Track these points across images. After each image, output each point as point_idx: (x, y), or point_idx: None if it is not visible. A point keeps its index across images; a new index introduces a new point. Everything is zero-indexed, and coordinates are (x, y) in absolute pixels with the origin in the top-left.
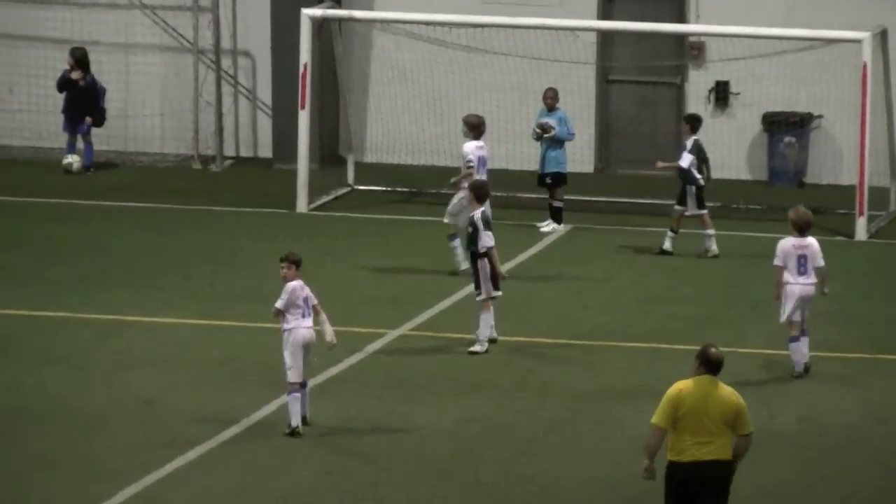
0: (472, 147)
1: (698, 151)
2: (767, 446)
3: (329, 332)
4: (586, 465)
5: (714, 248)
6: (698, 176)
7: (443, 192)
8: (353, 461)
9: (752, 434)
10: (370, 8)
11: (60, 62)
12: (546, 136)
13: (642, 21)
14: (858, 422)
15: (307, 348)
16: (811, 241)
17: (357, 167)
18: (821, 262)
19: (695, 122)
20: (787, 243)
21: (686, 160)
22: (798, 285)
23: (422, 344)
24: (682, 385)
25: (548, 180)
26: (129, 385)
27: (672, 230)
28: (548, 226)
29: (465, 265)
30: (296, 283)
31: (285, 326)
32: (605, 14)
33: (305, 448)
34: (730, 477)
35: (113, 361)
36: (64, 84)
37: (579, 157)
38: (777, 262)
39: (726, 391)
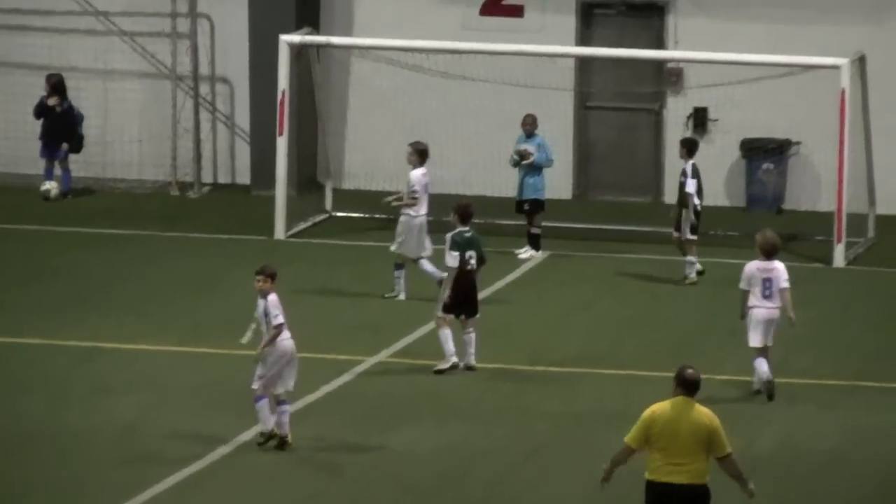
0: (418, 175)
1: (699, 175)
2: (746, 472)
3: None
4: (567, 490)
5: (693, 276)
6: (697, 202)
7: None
8: (333, 487)
9: (732, 455)
10: (348, 34)
11: (38, 88)
12: (524, 162)
13: (621, 47)
14: (837, 447)
15: (291, 358)
16: (777, 264)
17: (335, 194)
18: (785, 285)
19: (692, 146)
20: (753, 266)
21: (692, 186)
22: (763, 308)
23: (400, 370)
24: (657, 406)
25: (526, 207)
26: (108, 411)
27: (690, 257)
28: (526, 252)
29: (402, 296)
30: (274, 296)
31: (266, 338)
32: (583, 40)
33: (285, 473)
34: (705, 501)
35: (92, 387)
36: (41, 111)
37: (558, 183)
38: (742, 285)
39: (701, 412)
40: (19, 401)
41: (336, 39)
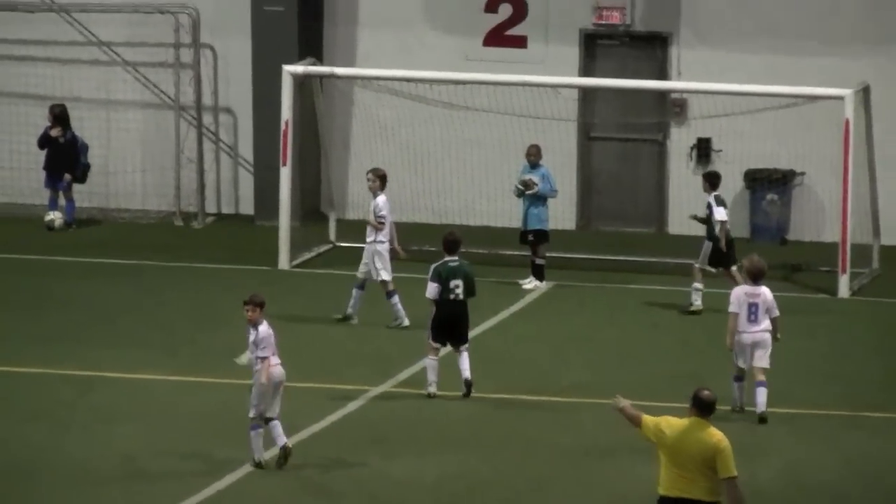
0: (383, 201)
1: (724, 205)
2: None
3: (246, 356)
4: None
5: (699, 303)
6: (729, 227)
7: (425, 248)
8: None
9: (736, 480)
10: (351, 64)
11: (41, 118)
12: (528, 192)
13: (624, 78)
14: (839, 479)
15: (281, 384)
16: (764, 289)
17: (339, 224)
18: (776, 313)
19: (714, 179)
20: (740, 291)
21: (722, 213)
22: (747, 333)
23: (404, 400)
24: (674, 421)
25: (530, 237)
26: (110, 440)
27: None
28: (530, 283)
29: (406, 321)
30: (264, 327)
31: (258, 366)
32: (586, 71)
33: (287, 502)
34: None
35: (94, 417)
36: (44, 141)
37: (561, 213)
38: (732, 308)
39: (711, 434)
40: (21, 430)
41: (339, 70)
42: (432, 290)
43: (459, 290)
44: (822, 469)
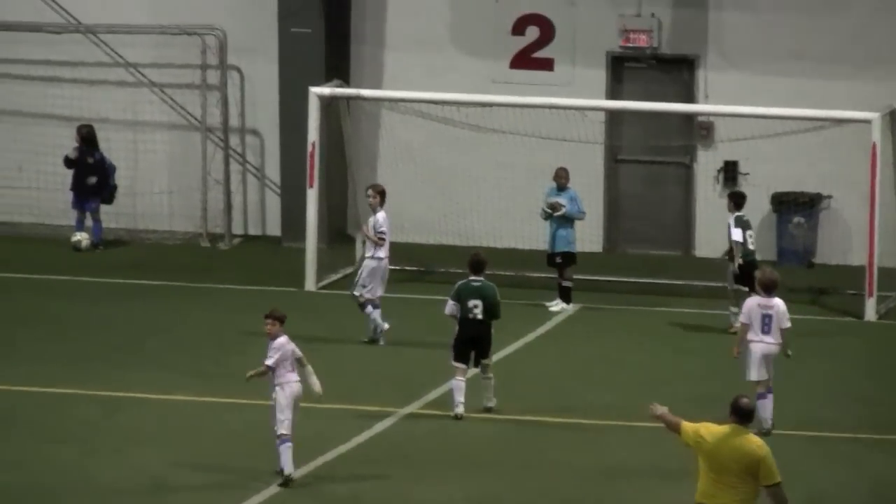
0: (383, 217)
1: (745, 226)
2: None
3: (316, 383)
4: None
5: (738, 324)
6: (752, 248)
7: (451, 270)
8: None
9: (780, 485)
10: (378, 86)
11: (69, 139)
12: (556, 214)
13: (651, 101)
14: (865, 501)
15: (297, 401)
16: (777, 301)
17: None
18: (787, 324)
19: (738, 199)
20: (753, 302)
21: (739, 234)
22: (761, 343)
23: (430, 422)
24: (714, 428)
25: (558, 259)
26: (137, 461)
27: (733, 308)
28: (557, 305)
29: (386, 325)
30: (282, 339)
31: (277, 381)
32: (613, 94)
33: None
34: None
35: (122, 438)
36: (72, 162)
37: (588, 236)
38: (743, 318)
39: (750, 441)
40: (48, 450)
41: (366, 92)
42: (449, 307)
43: (478, 311)
44: (848, 490)
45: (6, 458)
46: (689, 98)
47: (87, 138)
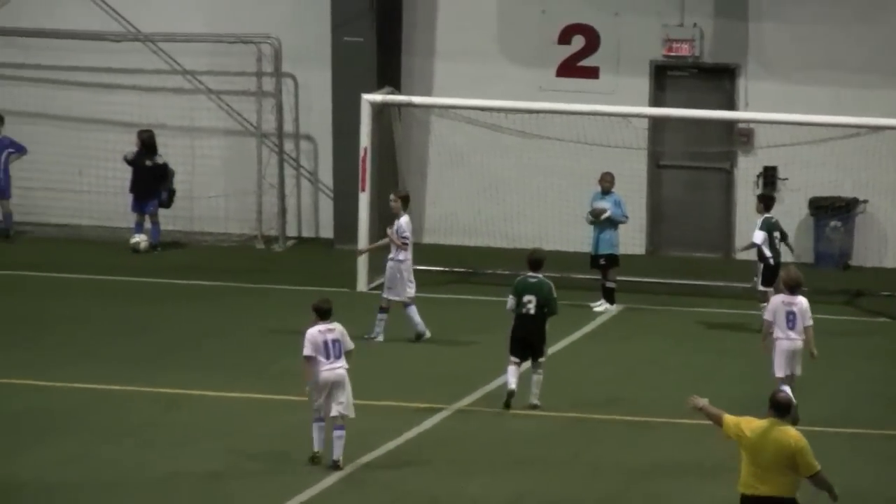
0: (406, 222)
1: (770, 228)
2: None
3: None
4: None
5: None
6: (769, 254)
7: (499, 272)
8: None
9: (820, 472)
10: (428, 94)
11: (129, 145)
12: (603, 217)
13: (693, 108)
14: None
15: (333, 386)
16: (800, 299)
17: (415, 248)
18: (809, 322)
19: (767, 201)
20: (778, 300)
21: (759, 237)
22: (786, 340)
23: (477, 419)
24: (754, 423)
25: (601, 261)
26: (194, 456)
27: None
28: (601, 305)
29: (380, 337)
30: (313, 330)
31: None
32: (656, 101)
33: None
34: None
35: (179, 434)
36: (130, 161)
37: (631, 239)
38: (767, 316)
39: (787, 434)
40: (107, 446)
41: (416, 99)
42: (509, 302)
43: (532, 306)
44: (883, 485)
45: (68, 454)
46: (730, 105)
47: (147, 143)
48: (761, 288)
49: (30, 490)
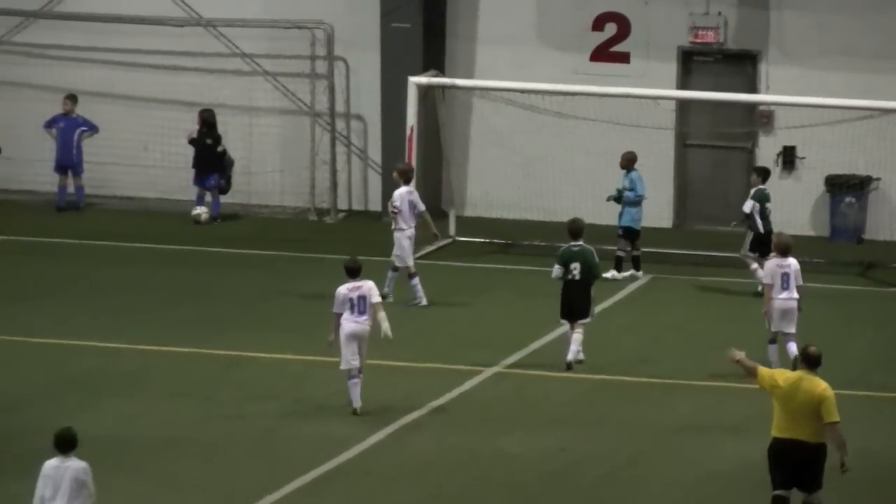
0: (401, 193)
1: (762, 199)
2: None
3: (385, 327)
4: (663, 494)
5: (760, 288)
6: (759, 222)
7: (536, 243)
8: (452, 487)
9: (838, 424)
10: (471, 76)
11: (190, 123)
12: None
13: (717, 91)
14: None
15: (356, 339)
16: (791, 261)
17: (458, 221)
18: (801, 281)
19: (764, 174)
20: (773, 264)
21: (748, 206)
22: (779, 300)
23: (514, 381)
24: (788, 374)
25: (619, 232)
26: (251, 415)
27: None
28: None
29: (424, 301)
30: (342, 288)
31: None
32: (683, 85)
33: (408, 475)
34: (816, 457)
35: (236, 394)
36: (193, 140)
37: (658, 213)
38: (766, 280)
39: (816, 383)
40: (170, 404)
41: (460, 81)
42: (555, 271)
43: (577, 272)
44: (893, 446)
45: (132, 413)
46: (752, 89)
47: (208, 122)
48: (748, 253)
49: (97, 445)
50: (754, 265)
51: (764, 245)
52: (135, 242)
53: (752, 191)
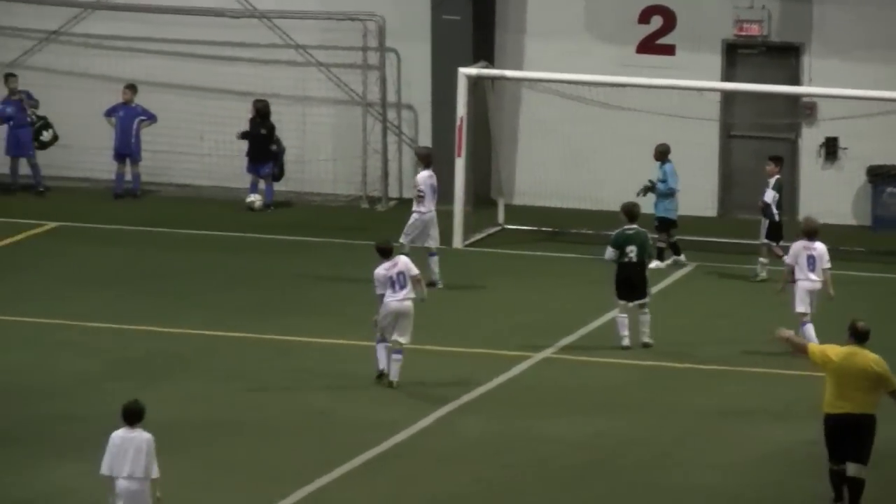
0: (423, 177)
1: (780, 189)
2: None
3: (422, 292)
4: (710, 476)
5: (763, 274)
6: (776, 212)
7: (583, 232)
8: (501, 470)
9: None
10: (520, 67)
11: (245, 112)
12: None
13: (761, 83)
14: None
15: (398, 315)
16: (818, 244)
17: (506, 209)
18: (827, 265)
19: (781, 162)
20: (799, 245)
21: (770, 196)
22: (807, 281)
23: (562, 366)
24: (839, 349)
25: (655, 223)
26: (303, 398)
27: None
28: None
29: (440, 284)
30: (379, 270)
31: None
32: (727, 77)
33: (458, 457)
34: (869, 429)
35: (290, 377)
36: (246, 133)
37: (703, 203)
38: (788, 259)
39: (868, 357)
40: (224, 388)
41: (509, 72)
42: (608, 253)
43: (633, 254)
44: None
45: (187, 395)
46: (795, 81)
47: (262, 112)
48: (765, 241)
49: (152, 427)
50: (765, 259)
51: (777, 233)
52: (190, 229)
53: (773, 181)
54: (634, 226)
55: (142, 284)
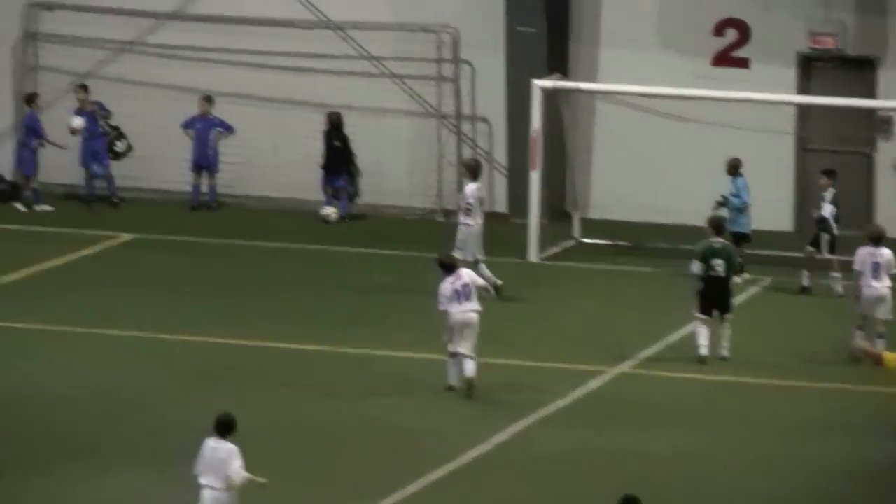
0: (472, 189)
1: (837, 203)
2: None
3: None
4: (794, 491)
5: (839, 289)
6: (834, 225)
7: (659, 246)
8: (579, 484)
9: None
10: (594, 79)
11: (319, 124)
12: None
13: (836, 96)
14: None
15: (463, 326)
16: (885, 251)
17: (582, 222)
18: (893, 271)
19: (834, 176)
20: (864, 252)
21: (828, 210)
22: (871, 288)
23: (640, 380)
24: None
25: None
26: (380, 412)
27: (808, 270)
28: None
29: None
30: (444, 285)
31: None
32: (802, 90)
33: (534, 472)
34: None
35: (366, 390)
36: (325, 145)
37: (779, 217)
38: (856, 266)
39: None
40: (300, 399)
41: (583, 85)
42: (695, 267)
43: (721, 268)
44: None
45: (264, 407)
46: (871, 94)
47: (335, 124)
48: (828, 256)
49: (239, 437)
50: (837, 273)
51: (833, 246)
52: (265, 241)
53: (829, 195)
54: (721, 239)
55: (219, 296)
